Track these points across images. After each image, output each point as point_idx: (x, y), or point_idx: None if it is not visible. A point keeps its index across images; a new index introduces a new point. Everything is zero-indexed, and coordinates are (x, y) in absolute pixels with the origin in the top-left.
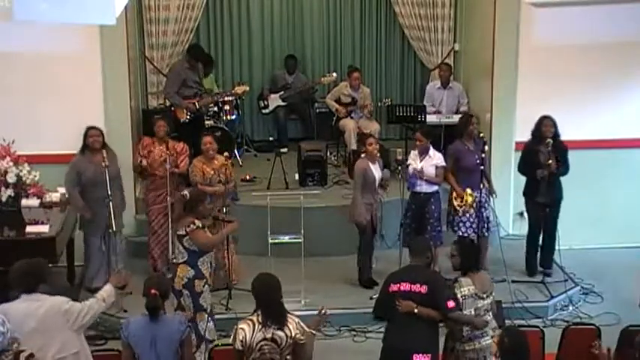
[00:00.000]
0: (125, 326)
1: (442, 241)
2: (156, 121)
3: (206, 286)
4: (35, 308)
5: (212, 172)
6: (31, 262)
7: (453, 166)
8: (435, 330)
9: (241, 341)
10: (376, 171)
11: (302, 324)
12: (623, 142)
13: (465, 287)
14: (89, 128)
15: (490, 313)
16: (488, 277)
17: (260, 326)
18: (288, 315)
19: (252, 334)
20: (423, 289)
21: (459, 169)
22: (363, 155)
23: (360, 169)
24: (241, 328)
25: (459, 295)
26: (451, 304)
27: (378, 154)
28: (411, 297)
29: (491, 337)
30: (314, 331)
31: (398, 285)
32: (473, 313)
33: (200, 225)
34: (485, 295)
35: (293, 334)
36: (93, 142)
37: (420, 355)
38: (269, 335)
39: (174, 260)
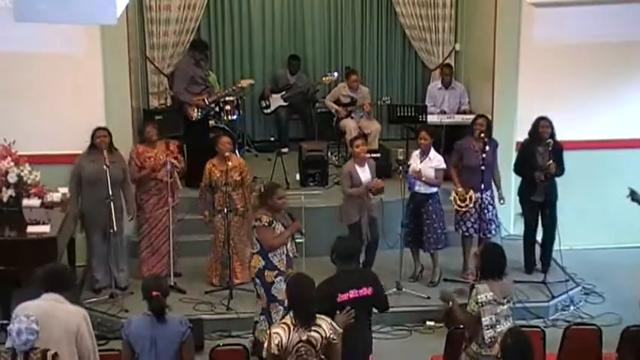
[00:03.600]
0: (126, 325)
1: (447, 244)
2: (145, 125)
3: (279, 277)
4: (56, 307)
5: (219, 174)
6: (64, 266)
7: (458, 163)
8: None
9: (277, 345)
10: (363, 173)
11: (334, 324)
12: (624, 143)
13: (483, 294)
14: (97, 129)
15: (509, 320)
16: (510, 283)
17: (295, 328)
18: (320, 316)
19: (289, 338)
20: (369, 290)
21: (462, 167)
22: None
23: (345, 171)
24: (276, 333)
25: (477, 302)
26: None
27: (367, 156)
28: (360, 302)
29: None
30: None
31: (347, 294)
32: (493, 319)
33: (266, 222)
34: (505, 301)
35: (327, 335)
36: (100, 142)
37: (371, 355)
38: (304, 337)
39: (252, 250)
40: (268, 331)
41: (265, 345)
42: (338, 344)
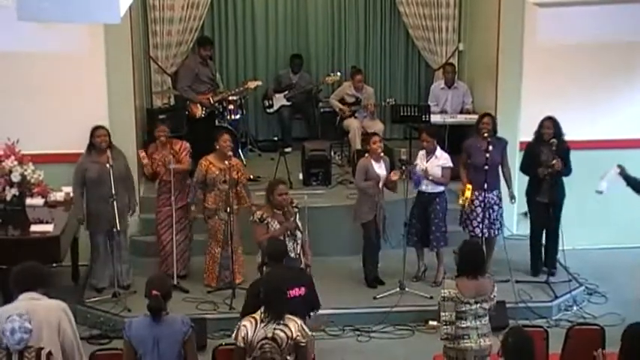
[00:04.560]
0: (128, 326)
1: (446, 242)
2: (157, 125)
3: None
4: (34, 304)
5: (217, 172)
6: (29, 265)
7: (467, 162)
8: None
9: (243, 338)
10: (379, 169)
11: (304, 326)
12: (627, 143)
13: (447, 289)
14: (96, 128)
15: (482, 320)
16: (488, 283)
17: (262, 324)
18: (291, 317)
19: (254, 332)
20: (302, 290)
21: (470, 166)
22: (367, 154)
23: (361, 167)
24: (243, 325)
25: (441, 295)
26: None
27: (382, 153)
28: (294, 303)
29: (476, 342)
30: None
31: None
32: (453, 316)
33: (257, 218)
34: (473, 301)
35: (294, 335)
36: (100, 141)
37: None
38: (270, 334)
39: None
40: (238, 323)
41: (233, 335)
42: (306, 347)
